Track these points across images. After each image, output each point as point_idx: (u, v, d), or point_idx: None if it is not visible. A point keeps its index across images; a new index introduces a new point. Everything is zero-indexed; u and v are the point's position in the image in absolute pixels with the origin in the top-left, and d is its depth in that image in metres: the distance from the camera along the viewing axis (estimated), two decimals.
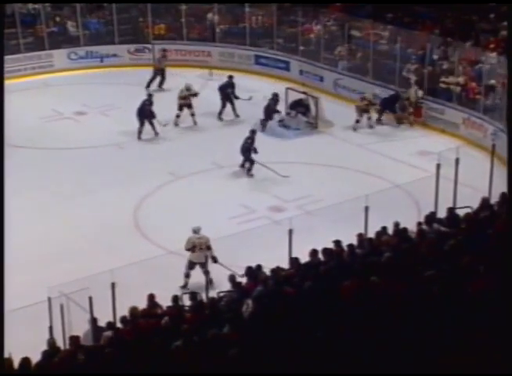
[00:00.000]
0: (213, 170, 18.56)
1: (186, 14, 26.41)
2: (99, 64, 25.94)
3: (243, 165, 18.25)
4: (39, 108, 22.17)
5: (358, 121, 20.75)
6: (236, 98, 21.30)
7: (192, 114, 20.79)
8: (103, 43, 26.25)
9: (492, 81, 20.14)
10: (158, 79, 23.90)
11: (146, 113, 20.01)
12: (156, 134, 20.21)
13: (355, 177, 18.05)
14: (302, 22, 24.96)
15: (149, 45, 26.27)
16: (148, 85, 23.77)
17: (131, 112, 20.14)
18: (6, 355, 9.40)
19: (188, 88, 20.82)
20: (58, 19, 26.50)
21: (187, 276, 13.46)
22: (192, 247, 13.41)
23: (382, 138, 20.31)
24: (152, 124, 20.15)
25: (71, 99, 22.98)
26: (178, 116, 20.78)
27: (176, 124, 20.75)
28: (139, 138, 20.07)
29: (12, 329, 9.92)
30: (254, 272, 11.34)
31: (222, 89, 21.47)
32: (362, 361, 8.28)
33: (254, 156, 18.06)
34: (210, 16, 26.58)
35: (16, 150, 18.48)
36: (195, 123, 20.82)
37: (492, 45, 21.64)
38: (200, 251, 13.42)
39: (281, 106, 21.19)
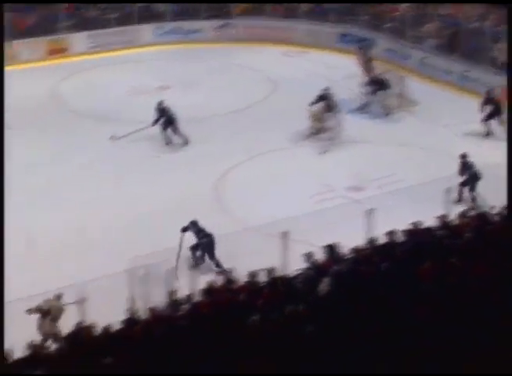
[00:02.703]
0: (293, 148, 18.54)
1: None
2: (184, 39, 26.16)
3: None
4: (125, 82, 22.52)
5: None
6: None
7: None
8: (188, 19, 26.42)
9: None
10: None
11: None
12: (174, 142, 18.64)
13: (439, 158, 17.71)
14: None
15: (232, 21, 26.31)
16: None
17: (214, 88, 20.21)
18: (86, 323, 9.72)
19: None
20: None
21: None
22: (46, 311, 11.23)
23: (467, 119, 19.75)
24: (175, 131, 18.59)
25: (156, 73, 23.27)
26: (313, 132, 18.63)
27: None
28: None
29: (93, 298, 10.20)
30: (331, 251, 11.30)
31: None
32: (435, 342, 8.17)
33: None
34: None
35: (100, 122, 18.86)
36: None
37: None
38: (52, 322, 11.25)
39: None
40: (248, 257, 13.17)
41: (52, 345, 10.17)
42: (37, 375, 8.53)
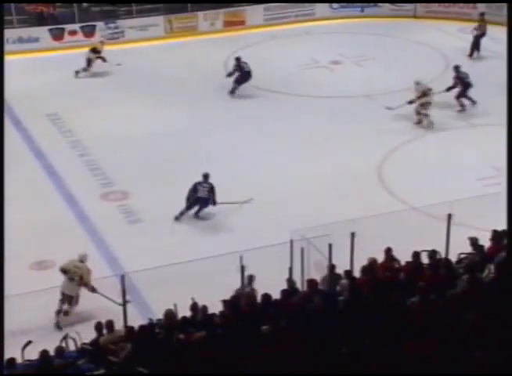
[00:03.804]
0: (464, 128, 18.01)
1: None
2: (359, 14, 25.92)
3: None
4: (298, 55, 22.66)
5: None
6: None
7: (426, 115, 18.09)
8: None
9: None
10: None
11: None
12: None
13: None
14: None
15: None
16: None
17: (385, 64, 19.88)
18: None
19: (418, 83, 18.26)
20: None
21: (58, 312, 11.75)
22: (65, 271, 11.84)
23: None
24: None
25: (328, 47, 23.26)
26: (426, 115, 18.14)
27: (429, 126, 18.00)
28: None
29: (258, 266, 10.47)
30: (498, 237, 10.94)
31: None
32: None
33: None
34: None
35: (273, 94, 19.11)
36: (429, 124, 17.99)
37: None
38: (70, 282, 11.81)
39: None
40: (411, 237, 13.04)
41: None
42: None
